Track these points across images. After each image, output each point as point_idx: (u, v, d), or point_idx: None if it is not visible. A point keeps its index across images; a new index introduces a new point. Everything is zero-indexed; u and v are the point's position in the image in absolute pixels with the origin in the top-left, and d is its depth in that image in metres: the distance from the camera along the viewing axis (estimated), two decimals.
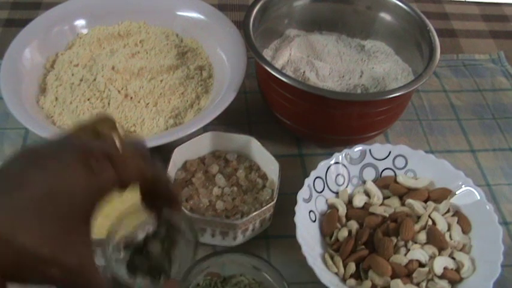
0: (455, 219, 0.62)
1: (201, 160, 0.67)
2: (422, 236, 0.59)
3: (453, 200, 0.64)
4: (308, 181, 0.62)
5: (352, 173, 0.66)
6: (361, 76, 0.75)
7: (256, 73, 0.75)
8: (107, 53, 0.76)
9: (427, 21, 0.73)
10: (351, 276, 0.58)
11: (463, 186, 0.64)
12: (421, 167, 0.66)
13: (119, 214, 0.40)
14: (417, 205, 0.62)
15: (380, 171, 0.67)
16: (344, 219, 0.63)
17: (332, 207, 0.64)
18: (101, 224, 0.35)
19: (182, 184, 0.64)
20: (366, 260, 0.58)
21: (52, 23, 0.78)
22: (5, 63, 0.71)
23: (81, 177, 0.32)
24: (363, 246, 0.59)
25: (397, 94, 0.64)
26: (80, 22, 0.80)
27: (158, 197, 0.39)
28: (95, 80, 0.71)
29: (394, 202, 0.64)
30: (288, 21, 0.80)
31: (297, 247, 0.56)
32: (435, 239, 0.59)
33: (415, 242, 0.59)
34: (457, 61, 0.90)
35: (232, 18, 0.81)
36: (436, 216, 0.61)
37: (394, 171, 0.67)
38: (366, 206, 0.64)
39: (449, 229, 0.61)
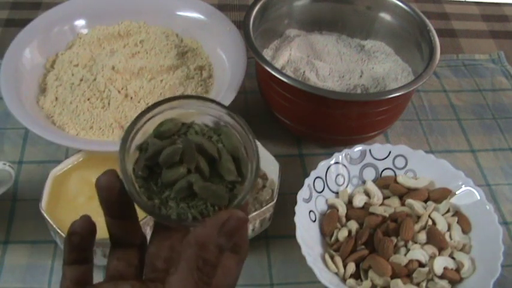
0: (455, 219, 0.62)
1: None
2: (422, 236, 0.59)
3: (453, 200, 0.64)
4: (308, 181, 0.62)
5: (352, 173, 0.66)
6: (361, 76, 0.75)
7: (256, 73, 0.75)
8: (106, 53, 0.76)
9: (427, 21, 0.73)
10: (351, 276, 0.58)
11: (463, 186, 0.64)
12: (421, 167, 0.66)
13: None
14: (417, 205, 0.62)
15: (380, 171, 0.67)
16: (344, 219, 0.63)
17: (332, 207, 0.64)
18: (100, 224, 0.34)
19: None
20: (366, 260, 0.58)
21: (52, 23, 0.78)
22: (5, 63, 0.70)
23: None
24: (363, 246, 0.59)
25: (397, 94, 0.64)
26: (80, 22, 0.80)
27: None
28: (95, 80, 0.71)
29: (394, 202, 0.64)
30: (288, 21, 0.80)
31: (297, 247, 0.56)
32: (435, 239, 0.59)
33: (415, 242, 0.59)
34: (457, 61, 0.90)
35: (232, 18, 0.81)
36: (436, 216, 0.61)
37: (394, 171, 0.67)
38: (366, 206, 0.64)
39: (449, 229, 0.61)
